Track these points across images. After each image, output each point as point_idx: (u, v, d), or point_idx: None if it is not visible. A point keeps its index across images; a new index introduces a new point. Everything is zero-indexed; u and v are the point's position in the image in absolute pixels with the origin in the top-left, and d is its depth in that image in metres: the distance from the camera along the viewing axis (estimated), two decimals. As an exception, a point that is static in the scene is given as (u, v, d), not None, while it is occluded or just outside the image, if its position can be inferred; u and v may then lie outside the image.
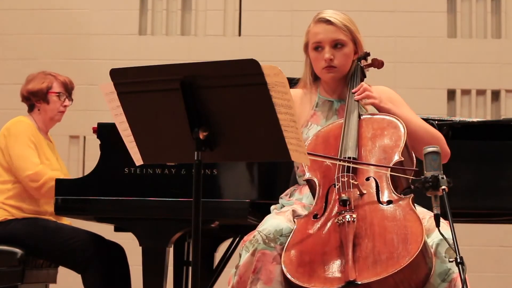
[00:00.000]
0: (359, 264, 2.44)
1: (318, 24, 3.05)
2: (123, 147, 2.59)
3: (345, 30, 3.02)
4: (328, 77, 3.06)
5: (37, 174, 3.94)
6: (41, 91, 4.14)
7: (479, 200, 3.63)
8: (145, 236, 3.53)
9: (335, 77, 3.06)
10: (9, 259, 3.88)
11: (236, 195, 3.50)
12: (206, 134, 2.40)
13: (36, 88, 4.14)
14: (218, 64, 2.38)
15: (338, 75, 3.05)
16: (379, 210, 2.60)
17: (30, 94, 4.15)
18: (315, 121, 3.04)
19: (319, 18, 3.06)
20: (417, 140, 2.91)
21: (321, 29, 3.04)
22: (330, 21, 3.02)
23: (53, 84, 4.18)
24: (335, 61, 3.02)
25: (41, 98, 4.15)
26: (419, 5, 6.41)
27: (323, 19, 3.04)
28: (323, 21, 3.04)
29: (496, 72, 6.36)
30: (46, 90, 4.15)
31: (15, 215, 3.98)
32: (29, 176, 3.94)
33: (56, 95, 4.17)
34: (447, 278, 2.53)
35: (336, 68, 3.03)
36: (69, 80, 4.25)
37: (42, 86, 4.15)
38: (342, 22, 3.03)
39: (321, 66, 3.04)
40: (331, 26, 3.02)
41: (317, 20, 3.06)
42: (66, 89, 4.21)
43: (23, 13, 6.57)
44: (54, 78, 4.19)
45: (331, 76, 3.05)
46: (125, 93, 2.48)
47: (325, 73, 3.05)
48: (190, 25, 6.59)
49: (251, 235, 2.69)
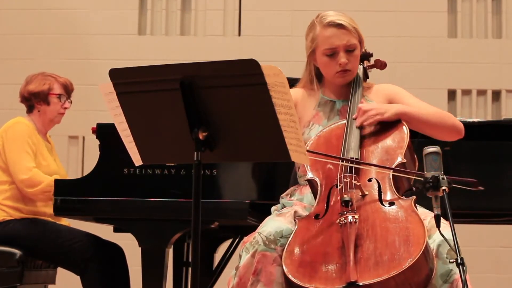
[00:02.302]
0: (360, 265, 2.44)
1: (328, 28, 2.97)
2: (122, 148, 2.58)
3: (355, 32, 2.98)
4: (342, 81, 3.02)
5: (30, 179, 3.93)
6: (42, 93, 4.14)
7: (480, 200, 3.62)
8: (144, 237, 3.53)
9: (349, 80, 3.03)
10: (8, 260, 3.87)
11: (236, 196, 3.49)
12: (206, 134, 2.40)
13: (38, 90, 4.14)
14: (217, 64, 2.37)
15: (351, 78, 3.03)
16: (381, 211, 2.59)
17: (31, 95, 4.15)
18: (317, 121, 3.02)
19: (328, 22, 2.97)
20: (432, 127, 2.95)
21: (332, 33, 2.97)
22: (342, 25, 2.96)
23: (54, 85, 4.17)
24: (350, 64, 2.98)
25: (42, 100, 4.15)
26: (420, 5, 6.40)
27: (334, 23, 2.96)
28: (334, 25, 2.96)
29: (497, 72, 6.35)
30: (47, 92, 4.14)
31: (13, 216, 3.97)
32: (23, 181, 3.94)
33: (56, 96, 4.17)
34: (449, 279, 2.53)
35: (350, 72, 3.00)
36: (69, 82, 4.24)
37: (44, 87, 4.14)
38: (351, 24, 2.98)
39: (335, 71, 2.99)
40: (343, 29, 2.96)
41: (327, 24, 2.97)
42: (66, 91, 4.21)
43: (23, 13, 6.56)
44: (55, 80, 4.19)
45: (346, 79, 3.02)
46: (124, 93, 2.47)
47: (338, 77, 3.00)
48: (190, 25, 6.58)
49: (251, 236, 2.69)
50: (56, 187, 3.64)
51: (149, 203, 3.52)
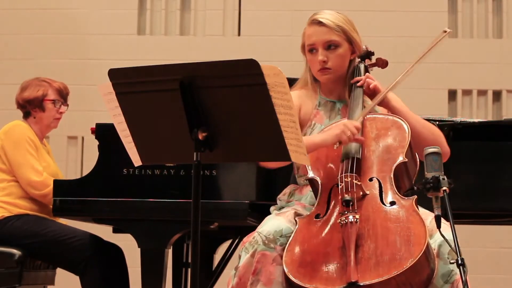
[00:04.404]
0: (361, 265, 2.44)
1: (311, 26, 3.02)
2: (121, 148, 2.58)
3: (338, 30, 2.98)
4: (323, 79, 3.03)
5: (42, 183, 3.96)
6: (37, 99, 4.14)
7: (480, 201, 3.62)
8: (143, 238, 3.52)
9: (330, 79, 3.03)
10: (6, 260, 3.87)
11: (236, 196, 3.48)
12: (205, 134, 2.39)
13: (32, 96, 4.14)
14: (217, 64, 2.36)
15: (333, 77, 3.03)
16: (382, 211, 2.59)
17: (25, 102, 4.15)
18: (318, 120, 3.02)
19: (312, 20, 3.03)
20: (420, 139, 2.88)
21: (313, 31, 3.00)
22: (321, 23, 2.98)
23: (48, 91, 4.17)
24: (329, 62, 2.99)
25: (37, 106, 4.15)
26: (420, 5, 6.39)
27: (316, 20, 3.01)
28: (315, 22, 3.00)
29: (498, 72, 6.35)
30: (42, 98, 4.14)
31: (13, 212, 3.97)
32: (33, 183, 3.95)
33: (51, 102, 4.17)
34: (450, 279, 2.53)
35: (330, 70, 3.00)
36: (63, 86, 4.24)
37: (38, 94, 4.14)
38: (335, 22, 2.99)
39: (316, 68, 3.01)
40: (323, 27, 2.98)
41: (310, 22, 3.03)
42: (61, 95, 4.21)
43: (21, 13, 6.55)
44: (49, 85, 4.19)
45: (326, 77, 3.02)
46: (123, 94, 2.47)
47: (320, 75, 3.03)
48: (189, 25, 6.58)
49: (250, 236, 2.68)
50: (55, 187, 3.64)
51: (149, 204, 3.51)
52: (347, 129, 2.74)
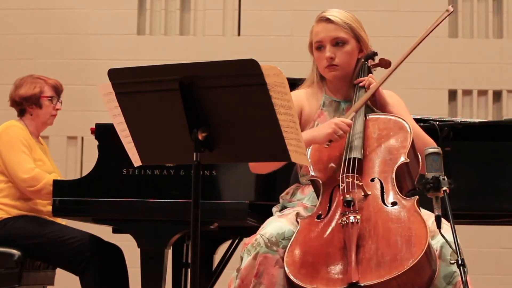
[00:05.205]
0: (362, 265, 2.43)
1: (319, 23, 3.04)
2: (121, 148, 2.57)
3: (346, 27, 3.00)
4: (330, 75, 3.03)
5: (33, 178, 3.93)
6: (34, 96, 4.14)
7: (480, 201, 3.62)
8: (143, 238, 3.52)
9: (337, 76, 3.03)
10: (6, 261, 3.87)
11: (235, 196, 3.48)
12: (205, 134, 2.38)
13: (29, 93, 4.13)
14: (217, 64, 2.36)
15: (340, 74, 3.03)
16: (384, 211, 2.58)
17: (22, 100, 4.15)
18: (322, 120, 3.01)
19: (320, 17, 3.04)
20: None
21: (321, 28, 3.02)
22: (329, 19, 3.00)
23: (45, 88, 4.17)
24: (337, 59, 3.00)
25: (33, 103, 4.14)
26: (421, 4, 6.39)
27: (323, 18, 3.02)
28: (323, 20, 3.02)
29: (498, 72, 6.35)
30: (39, 95, 4.14)
31: (11, 213, 3.97)
32: (25, 180, 3.94)
33: (48, 99, 4.17)
34: (452, 280, 2.52)
35: (338, 67, 3.01)
36: (59, 83, 4.25)
37: (35, 91, 4.14)
38: (342, 19, 3.01)
39: (324, 65, 3.02)
40: (331, 24, 3.00)
41: (318, 19, 3.05)
42: (57, 92, 4.22)
43: (21, 13, 6.54)
44: (45, 82, 4.19)
45: (333, 74, 3.02)
46: (123, 94, 2.46)
47: (327, 72, 3.03)
48: (189, 25, 6.57)
49: (252, 238, 2.67)
50: (54, 187, 3.64)
51: (148, 204, 3.51)
52: (337, 128, 2.74)
